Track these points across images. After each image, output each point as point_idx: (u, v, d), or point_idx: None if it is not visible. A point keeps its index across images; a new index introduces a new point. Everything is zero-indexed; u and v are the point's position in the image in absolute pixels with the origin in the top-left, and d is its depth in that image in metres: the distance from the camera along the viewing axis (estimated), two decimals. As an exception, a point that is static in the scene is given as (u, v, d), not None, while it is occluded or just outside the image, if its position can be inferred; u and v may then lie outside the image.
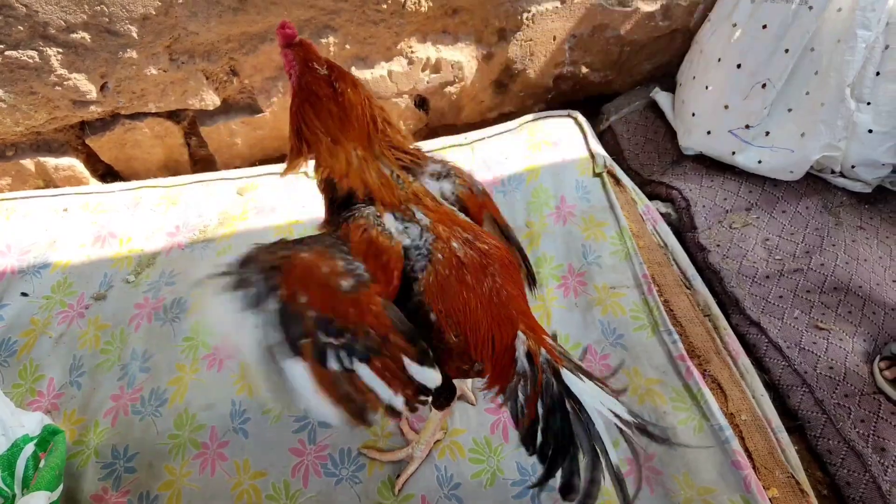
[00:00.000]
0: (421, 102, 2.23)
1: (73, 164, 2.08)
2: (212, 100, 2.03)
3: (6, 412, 1.53)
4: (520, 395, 1.07)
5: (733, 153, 1.99)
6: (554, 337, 1.12)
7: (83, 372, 1.74)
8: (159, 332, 1.79)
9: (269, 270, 1.11)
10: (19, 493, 1.47)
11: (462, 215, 1.19)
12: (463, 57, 2.11)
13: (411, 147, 1.23)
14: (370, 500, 1.45)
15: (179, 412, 1.63)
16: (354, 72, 2.05)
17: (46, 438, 1.55)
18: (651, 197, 2.07)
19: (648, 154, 2.20)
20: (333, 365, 1.02)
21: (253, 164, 2.23)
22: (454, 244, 1.12)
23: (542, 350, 1.06)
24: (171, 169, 2.22)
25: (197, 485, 1.52)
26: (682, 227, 1.98)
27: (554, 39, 2.14)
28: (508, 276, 1.14)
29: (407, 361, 1.07)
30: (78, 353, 1.77)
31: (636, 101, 2.34)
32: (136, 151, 2.13)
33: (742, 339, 1.71)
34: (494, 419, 1.55)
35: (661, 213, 2.00)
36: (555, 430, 1.02)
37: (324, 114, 1.12)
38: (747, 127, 1.95)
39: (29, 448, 1.51)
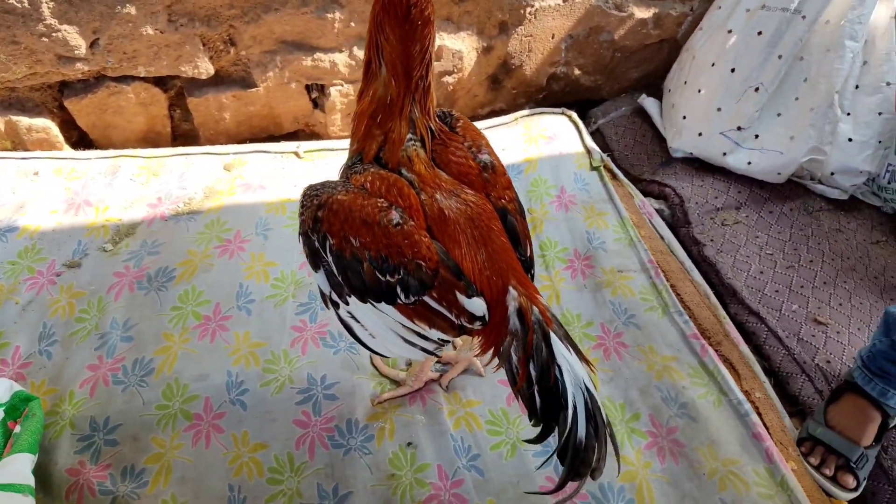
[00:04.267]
0: (417, 90, 2.21)
1: (47, 125, 1.94)
2: (206, 68, 1.94)
3: (-27, 375, 1.38)
4: (513, 355, 1.04)
5: (724, 154, 2.06)
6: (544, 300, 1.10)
7: (54, 341, 1.59)
8: (143, 300, 1.66)
9: (312, 224, 1.09)
10: (-16, 463, 1.32)
11: (444, 175, 1.15)
12: (464, 46, 2.11)
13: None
14: (382, 472, 1.37)
15: (168, 382, 1.51)
16: (357, 52, 2.02)
17: (17, 406, 1.40)
18: (643, 195, 2.10)
19: (637, 155, 2.25)
20: (405, 299, 1.06)
21: (239, 143, 2.14)
22: (438, 196, 1.10)
23: (535, 308, 1.04)
24: (150, 141, 2.10)
25: (189, 458, 1.39)
26: (676, 223, 2.02)
27: (552, 37, 2.18)
28: (497, 230, 1.13)
29: (458, 294, 1.06)
30: (48, 322, 1.62)
31: (623, 107, 2.40)
32: (117, 119, 2.00)
33: (741, 327, 1.74)
34: (509, 391, 1.49)
35: (655, 209, 2.03)
36: (548, 393, 1.01)
37: (391, 33, 1.07)
38: (739, 129, 2.02)
39: (-2, 414, 1.36)
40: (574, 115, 2.22)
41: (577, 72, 2.32)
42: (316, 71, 2.03)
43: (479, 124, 2.18)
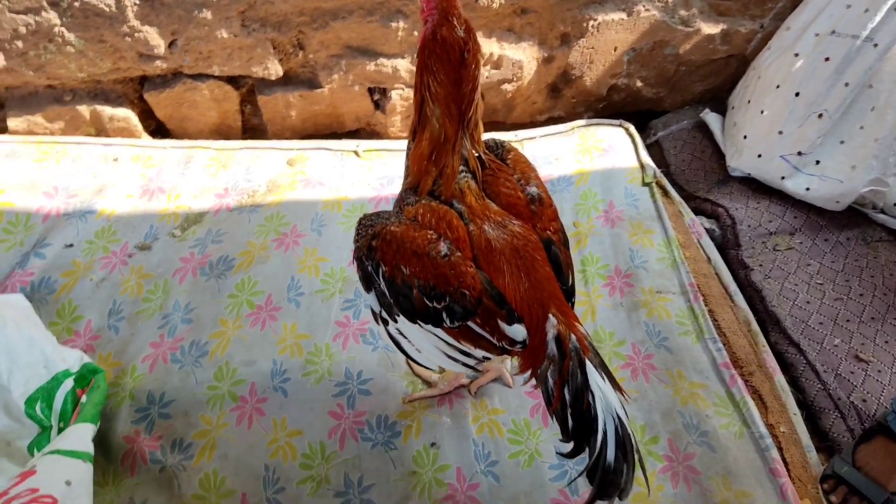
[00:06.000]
0: (476, 96, 2.26)
1: (128, 115, 2.10)
2: (275, 70, 2.05)
3: (49, 346, 1.54)
4: (549, 379, 1.09)
5: (783, 178, 2.03)
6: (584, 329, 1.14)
7: (122, 317, 1.74)
8: (204, 286, 1.80)
9: (366, 251, 1.17)
10: (55, 425, 1.47)
11: (494, 206, 1.20)
12: (524, 56, 2.14)
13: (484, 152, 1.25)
14: (405, 468, 1.45)
15: (220, 365, 1.63)
16: (418, 58, 2.08)
17: (85, 376, 1.55)
18: (696, 213, 2.09)
19: (694, 171, 2.23)
20: (450, 324, 1.13)
21: (304, 138, 2.25)
22: (486, 227, 1.15)
23: (573, 336, 1.08)
24: (222, 133, 2.24)
25: (233, 437, 1.51)
26: (726, 244, 2.00)
27: (615, 50, 2.18)
28: (541, 259, 1.17)
29: (500, 322, 1.12)
30: (118, 299, 1.77)
31: (684, 121, 2.38)
32: (192, 112, 2.15)
33: (780, 357, 1.73)
34: (534, 403, 1.56)
35: (706, 229, 2.02)
36: (580, 417, 1.05)
37: (444, 76, 1.13)
38: (799, 154, 1.99)
39: (69, 383, 1.51)
40: (631, 127, 2.22)
41: (638, 83, 2.32)
42: (378, 75, 2.11)
43: (535, 132, 2.22)
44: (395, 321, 1.22)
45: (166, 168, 2.07)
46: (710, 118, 2.30)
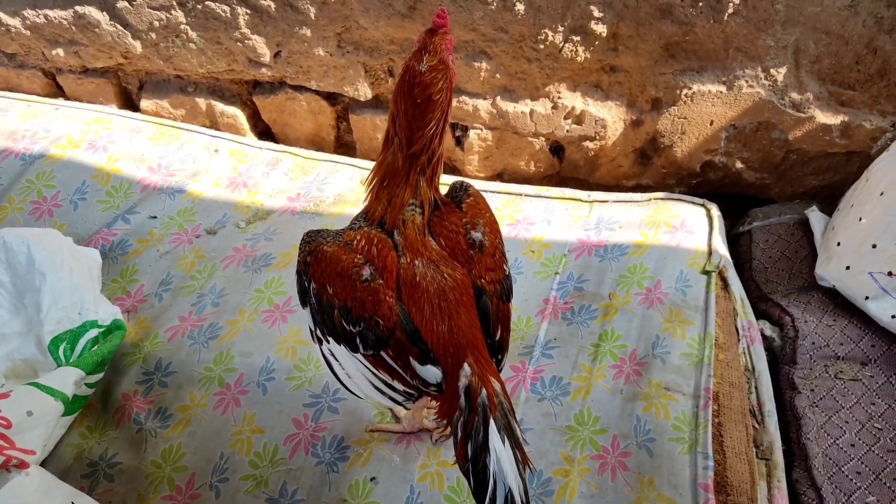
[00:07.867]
0: (556, 149, 2.22)
1: (236, 114, 2.33)
2: (364, 92, 2.17)
3: (90, 296, 1.75)
4: (459, 431, 1.05)
5: (867, 298, 1.75)
6: (502, 385, 1.07)
7: (169, 288, 1.93)
8: (241, 276, 1.94)
9: (303, 266, 1.23)
10: (71, 367, 1.67)
11: (434, 244, 1.18)
12: (609, 115, 2.06)
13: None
14: (338, 494, 1.46)
15: (222, 350, 1.75)
16: (499, 102, 2.09)
17: (110, 330, 1.74)
18: (761, 315, 1.88)
19: (778, 271, 2.00)
20: (363, 350, 1.16)
21: (386, 162, 2.34)
22: (417, 262, 1.14)
23: (483, 391, 1.03)
24: (316, 144, 2.40)
25: (206, 418, 1.62)
26: (782, 358, 1.77)
27: (711, 124, 2.03)
28: (467, 306, 1.13)
29: (412, 359, 1.13)
30: (173, 272, 1.97)
31: (788, 214, 2.14)
32: (292, 119, 2.33)
33: (794, 498, 1.49)
34: (486, 468, 1.48)
35: (765, 336, 1.81)
36: (477, 477, 1.00)
37: (400, 104, 1.14)
38: (890, 274, 1.70)
39: (93, 332, 1.70)
40: (714, 209, 2.03)
41: (738, 165, 2.13)
42: (460, 112, 2.14)
43: (609, 195, 2.12)
44: (328, 342, 1.24)
45: (255, 166, 2.27)
46: (815, 217, 2.05)
